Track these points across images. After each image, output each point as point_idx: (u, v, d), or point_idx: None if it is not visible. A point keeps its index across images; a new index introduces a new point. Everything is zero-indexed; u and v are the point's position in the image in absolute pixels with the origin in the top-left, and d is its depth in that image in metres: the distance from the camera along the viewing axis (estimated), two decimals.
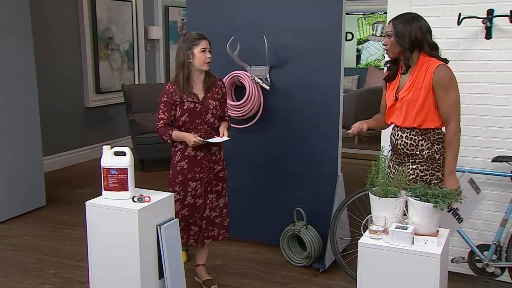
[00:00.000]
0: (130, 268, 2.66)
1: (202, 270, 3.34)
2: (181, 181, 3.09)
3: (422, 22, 2.57)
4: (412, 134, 2.61)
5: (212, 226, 3.23)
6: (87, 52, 6.61)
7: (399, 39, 2.54)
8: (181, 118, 3.02)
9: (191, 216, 3.12)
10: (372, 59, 9.62)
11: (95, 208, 2.72)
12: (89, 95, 6.69)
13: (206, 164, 3.11)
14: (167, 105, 3.03)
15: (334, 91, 3.55)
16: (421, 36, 2.54)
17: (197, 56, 2.99)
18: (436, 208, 2.19)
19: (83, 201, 2.82)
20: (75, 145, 6.56)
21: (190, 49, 2.99)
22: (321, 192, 3.65)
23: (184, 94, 3.00)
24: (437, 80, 2.50)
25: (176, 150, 3.10)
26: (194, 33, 3.05)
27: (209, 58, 3.02)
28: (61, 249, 3.98)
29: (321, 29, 3.51)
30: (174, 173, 3.11)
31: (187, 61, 3.01)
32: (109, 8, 6.89)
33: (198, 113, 3.03)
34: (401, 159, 2.68)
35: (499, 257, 3.02)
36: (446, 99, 2.52)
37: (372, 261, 2.25)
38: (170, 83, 3.07)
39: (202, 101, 3.05)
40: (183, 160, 3.07)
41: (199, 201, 3.13)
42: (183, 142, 3.05)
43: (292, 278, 3.47)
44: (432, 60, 2.54)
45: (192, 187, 3.10)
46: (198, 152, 3.07)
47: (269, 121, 3.77)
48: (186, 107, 3.01)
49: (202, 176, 3.10)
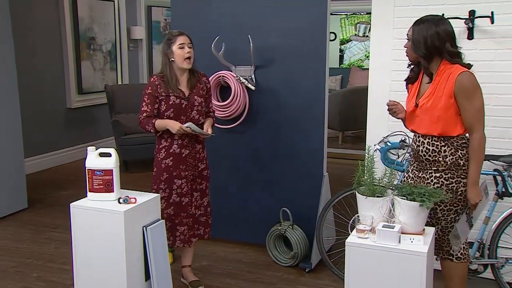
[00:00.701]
0: (116, 270, 2.63)
1: (188, 271, 3.33)
2: (166, 179, 3.07)
3: (442, 27, 2.42)
4: (434, 140, 2.49)
5: (198, 224, 3.22)
6: (69, 52, 6.53)
7: (414, 46, 2.45)
8: (165, 113, 3.00)
9: (176, 216, 3.10)
10: (355, 59, 9.69)
11: (80, 210, 2.68)
12: (71, 95, 6.61)
13: (191, 162, 3.10)
14: (151, 98, 3.00)
15: (319, 91, 3.56)
16: (439, 44, 2.40)
17: (176, 53, 2.97)
18: (423, 206, 2.21)
19: (66, 203, 2.78)
20: (57, 146, 6.48)
21: (169, 48, 2.99)
22: (307, 192, 3.66)
23: (170, 89, 3.00)
24: (459, 88, 2.38)
25: (161, 147, 3.08)
26: (174, 31, 3.07)
27: (189, 53, 2.98)
28: (44, 252, 3.92)
29: (306, 29, 3.52)
30: (158, 170, 3.09)
31: (169, 60, 3.00)
32: (91, 8, 6.81)
33: (184, 110, 3.02)
34: (422, 166, 2.57)
35: (482, 254, 3.06)
36: (470, 107, 2.40)
37: (360, 260, 2.27)
38: (156, 76, 3.04)
39: (187, 98, 3.03)
40: (168, 157, 3.05)
41: (185, 199, 3.11)
42: (168, 139, 3.04)
43: (278, 278, 3.47)
44: (455, 67, 2.42)
45: (178, 185, 3.08)
46: (183, 149, 3.06)
47: (255, 121, 3.77)
48: (171, 102, 2.99)
49: (187, 174, 3.09)
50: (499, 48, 3.07)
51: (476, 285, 3.18)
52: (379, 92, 3.41)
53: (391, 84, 3.36)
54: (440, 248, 2.62)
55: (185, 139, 3.05)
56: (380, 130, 3.40)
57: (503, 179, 2.97)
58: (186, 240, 3.16)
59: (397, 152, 3.30)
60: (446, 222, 2.56)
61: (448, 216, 2.54)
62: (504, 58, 3.06)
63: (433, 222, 2.58)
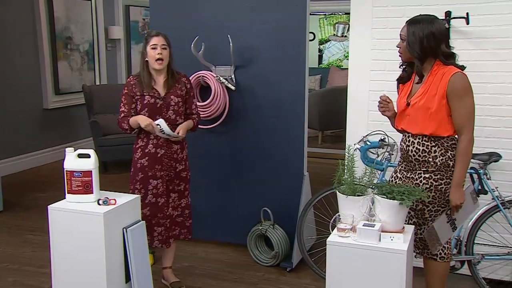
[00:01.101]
0: (95, 273, 2.60)
1: (169, 272, 3.30)
2: (141, 179, 3.05)
3: (437, 28, 2.41)
4: (424, 140, 2.49)
5: (175, 225, 3.20)
6: (45, 52, 6.43)
7: (409, 47, 2.43)
8: (140, 112, 3.00)
9: (153, 216, 3.08)
10: (333, 59, 9.76)
11: (58, 212, 2.64)
12: (48, 96, 6.51)
13: (166, 162, 3.08)
14: (127, 98, 3.01)
15: (300, 91, 3.58)
16: (435, 45, 2.40)
17: (149, 54, 2.98)
18: (402, 205, 2.24)
19: (43, 206, 2.74)
20: (33, 147, 6.37)
21: (145, 47, 3.00)
22: (288, 192, 3.67)
23: (144, 89, 2.99)
24: (452, 88, 2.38)
25: (137, 147, 3.06)
26: (150, 31, 3.07)
27: (160, 55, 2.95)
28: (20, 255, 3.85)
29: (286, 29, 3.53)
30: (134, 170, 3.07)
31: (144, 60, 3.01)
32: (67, 7, 6.72)
33: (159, 109, 3.00)
34: (411, 166, 2.57)
35: (459, 251, 3.11)
36: (460, 108, 2.40)
37: (341, 259, 2.29)
38: (132, 76, 3.08)
39: (163, 97, 3.02)
40: (144, 157, 3.04)
41: (160, 200, 3.09)
42: (144, 139, 3.03)
43: (259, 278, 3.47)
44: (448, 68, 2.42)
45: (153, 185, 3.06)
46: (159, 149, 3.05)
47: (235, 121, 3.76)
48: (146, 101, 2.98)
49: (162, 174, 3.07)
50: (474, 49, 3.13)
51: (454, 281, 3.23)
52: (359, 91, 3.44)
53: (370, 84, 3.40)
54: (425, 248, 2.65)
55: (161, 139, 3.04)
56: (359, 130, 3.43)
57: (479, 177, 3.03)
58: (164, 241, 3.14)
59: (377, 151, 3.34)
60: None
61: (435, 217, 2.56)
62: (478, 58, 3.12)
63: (420, 223, 2.61)
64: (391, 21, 3.29)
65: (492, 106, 3.12)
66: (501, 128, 3.15)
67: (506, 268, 3.18)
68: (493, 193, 3.01)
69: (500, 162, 3.06)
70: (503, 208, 3.00)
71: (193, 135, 3.81)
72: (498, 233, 3.15)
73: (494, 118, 3.14)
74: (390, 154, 3.23)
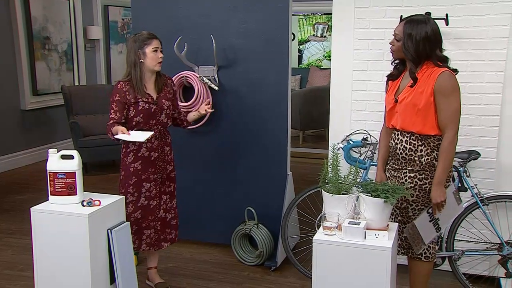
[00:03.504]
0: (80, 275, 2.58)
1: (154, 273, 3.29)
2: (135, 183, 3.02)
3: (433, 32, 2.43)
4: (412, 139, 2.52)
5: (169, 228, 3.20)
6: (22, 52, 6.32)
7: (405, 49, 2.45)
8: (134, 118, 2.96)
9: (144, 219, 3.06)
10: (313, 59, 9.83)
11: (41, 214, 2.61)
12: (25, 97, 6.39)
13: (160, 165, 3.07)
14: (119, 105, 2.94)
15: (283, 91, 3.60)
16: (430, 50, 2.43)
17: (149, 56, 2.95)
18: (387, 203, 2.27)
19: (22, 208, 2.71)
20: (11, 149, 6.25)
21: (141, 48, 2.95)
22: (271, 191, 3.69)
23: (138, 94, 2.95)
24: (439, 86, 2.40)
25: (128, 151, 3.03)
26: (146, 33, 3.01)
27: (161, 58, 2.99)
28: (0, 259, 3.77)
29: (269, 30, 3.55)
30: (127, 174, 3.03)
31: (139, 61, 2.96)
32: (44, 6, 6.61)
33: (153, 114, 2.99)
34: (399, 164, 2.60)
35: (440, 247, 3.17)
36: (446, 106, 2.41)
37: (327, 257, 2.31)
38: (122, 82, 2.98)
39: (156, 102, 3.00)
40: (137, 161, 3.01)
41: (153, 202, 3.08)
42: (135, 143, 2.99)
43: (244, 278, 3.48)
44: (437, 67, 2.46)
45: (146, 188, 3.05)
46: (153, 152, 3.03)
47: (219, 121, 3.76)
48: (141, 107, 2.95)
49: (156, 177, 3.06)
50: (453, 49, 3.19)
51: (435, 277, 3.29)
52: (341, 91, 3.47)
53: (353, 84, 3.44)
54: (410, 248, 2.68)
55: (154, 142, 3.02)
56: (342, 129, 3.47)
57: (459, 174, 3.09)
58: (152, 244, 3.12)
59: (359, 150, 3.38)
60: None
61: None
62: (458, 59, 3.18)
63: (404, 221, 2.65)
64: (373, 21, 3.33)
65: (471, 105, 3.19)
66: (480, 127, 3.21)
67: (485, 263, 3.26)
68: (472, 190, 3.07)
69: (479, 160, 3.12)
70: (482, 205, 3.06)
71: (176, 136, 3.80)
72: (478, 230, 3.22)
73: (473, 117, 3.21)
74: (372, 153, 3.27)
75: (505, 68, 3.12)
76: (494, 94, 3.16)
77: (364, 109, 3.43)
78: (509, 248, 3.05)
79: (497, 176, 3.20)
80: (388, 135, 2.70)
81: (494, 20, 3.10)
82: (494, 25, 3.10)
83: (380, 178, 2.70)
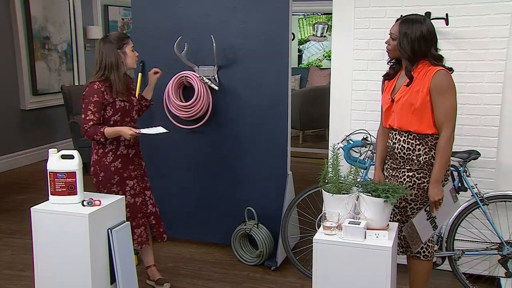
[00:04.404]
0: (80, 275, 2.58)
1: (154, 270, 3.31)
2: (118, 181, 3.03)
3: (428, 32, 2.45)
4: (409, 138, 2.52)
5: (160, 220, 3.26)
6: (22, 52, 6.32)
7: (401, 48, 2.46)
8: (112, 117, 2.96)
9: (133, 218, 3.07)
10: (313, 59, 9.83)
11: (42, 214, 2.61)
12: (25, 96, 6.40)
13: (137, 161, 3.13)
14: (98, 105, 2.91)
15: (282, 91, 3.60)
16: (426, 49, 2.45)
17: (129, 55, 2.98)
18: (387, 202, 2.28)
19: (22, 208, 2.71)
20: (10, 149, 6.25)
21: (120, 48, 2.96)
22: (271, 191, 3.69)
23: (116, 94, 2.96)
24: (435, 85, 2.41)
25: (107, 151, 3.02)
26: (118, 33, 3.05)
27: (137, 56, 3.07)
28: (0, 259, 3.77)
29: (269, 29, 3.55)
30: (108, 174, 3.01)
31: (120, 61, 2.96)
32: (44, 6, 6.61)
33: (128, 112, 3.03)
34: (397, 163, 2.60)
35: (440, 247, 3.17)
36: (442, 104, 2.42)
37: (327, 256, 2.31)
38: (98, 82, 2.94)
39: (128, 99, 3.04)
40: (116, 160, 3.03)
41: (138, 199, 3.10)
42: (113, 142, 3.00)
43: (244, 277, 3.48)
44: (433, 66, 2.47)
45: (130, 186, 3.07)
46: (130, 150, 3.07)
47: (219, 121, 3.76)
48: (118, 106, 2.97)
49: (136, 174, 3.11)
50: (453, 49, 3.19)
51: (435, 277, 3.29)
52: (341, 91, 3.47)
53: (353, 83, 3.44)
54: (409, 246, 2.68)
55: (131, 139, 3.05)
56: (342, 129, 3.47)
57: (459, 174, 3.09)
58: (143, 241, 3.14)
59: (359, 150, 3.38)
60: None
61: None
62: (457, 58, 3.18)
63: (403, 220, 2.65)
64: (373, 21, 3.34)
65: (471, 105, 3.20)
66: (480, 127, 3.22)
67: (485, 263, 3.26)
68: (472, 190, 3.07)
69: (479, 159, 3.13)
70: (482, 205, 3.06)
71: (177, 136, 3.82)
72: (478, 229, 3.22)
73: (473, 117, 3.21)
74: (372, 152, 3.27)
75: (505, 67, 3.12)
76: (494, 93, 3.16)
77: (364, 109, 3.43)
78: (509, 248, 3.05)
79: (497, 176, 3.20)
80: (385, 135, 2.71)
81: (494, 19, 3.10)
82: (494, 25, 3.11)
83: (378, 177, 2.70)
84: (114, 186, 3.02)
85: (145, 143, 4.03)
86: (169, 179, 3.92)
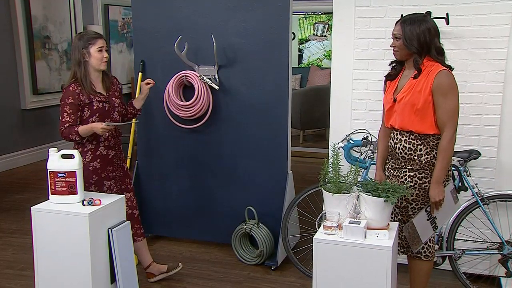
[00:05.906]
0: (80, 274, 2.59)
1: (156, 264, 3.34)
2: (96, 181, 3.04)
3: (430, 24, 2.49)
4: (411, 138, 2.53)
5: (138, 224, 3.25)
6: (22, 51, 6.32)
7: (407, 42, 2.47)
8: (90, 119, 2.96)
9: None
10: (313, 59, 9.83)
11: (42, 213, 2.61)
12: (26, 96, 6.40)
13: (117, 163, 3.13)
14: (73, 107, 2.91)
15: (283, 90, 3.60)
16: (430, 40, 2.46)
17: (94, 55, 2.96)
18: (387, 202, 2.27)
19: (22, 207, 2.71)
20: (11, 148, 6.25)
21: (86, 48, 2.95)
22: (272, 191, 3.69)
23: (91, 94, 2.95)
24: (437, 85, 2.42)
25: (86, 150, 3.01)
26: (91, 32, 3.04)
27: (106, 58, 3.01)
28: (0, 258, 3.78)
29: (269, 29, 3.55)
30: (86, 174, 2.95)
31: (83, 60, 2.96)
32: (44, 6, 6.61)
33: (107, 112, 3.02)
34: (398, 163, 2.61)
35: (441, 247, 3.17)
36: (444, 105, 2.43)
37: (327, 256, 2.31)
38: (73, 84, 2.94)
39: (108, 100, 3.04)
40: (95, 160, 3.02)
41: None
42: (93, 142, 3.00)
43: (245, 277, 3.48)
44: (435, 65, 2.47)
45: (107, 186, 3.08)
46: (110, 151, 3.07)
47: (219, 120, 3.76)
48: (95, 107, 2.97)
49: (115, 175, 3.11)
50: (454, 48, 3.19)
51: (435, 276, 3.29)
52: (342, 91, 3.47)
53: (353, 83, 3.44)
54: (410, 246, 2.67)
55: (111, 141, 3.06)
56: (343, 128, 3.46)
57: (460, 174, 3.09)
58: None
59: (360, 149, 3.38)
60: None
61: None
62: (458, 58, 3.18)
63: (404, 220, 2.65)
64: (374, 20, 3.33)
65: (472, 105, 3.19)
66: (480, 126, 3.21)
67: (485, 263, 3.26)
68: (473, 190, 3.07)
69: (480, 159, 3.12)
70: (482, 204, 3.06)
71: (176, 136, 3.82)
72: (478, 229, 3.22)
73: (473, 116, 3.21)
74: (373, 152, 3.27)
75: (505, 67, 3.11)
76: (495, 93, 3.16)
77: (365, 109, 3.43)
78: (509, 248, 3.05)
79: (497, 176, 3.20)
80: (386, 135, 2.71)
81: (494, 19, 3.10)
82: (494, 24, 3.10)
83: (379, 177, 2.70)
84: (92, 185, 3.03)
85: (145, 143, 4.04)
86: (169, 178, 3.92)
